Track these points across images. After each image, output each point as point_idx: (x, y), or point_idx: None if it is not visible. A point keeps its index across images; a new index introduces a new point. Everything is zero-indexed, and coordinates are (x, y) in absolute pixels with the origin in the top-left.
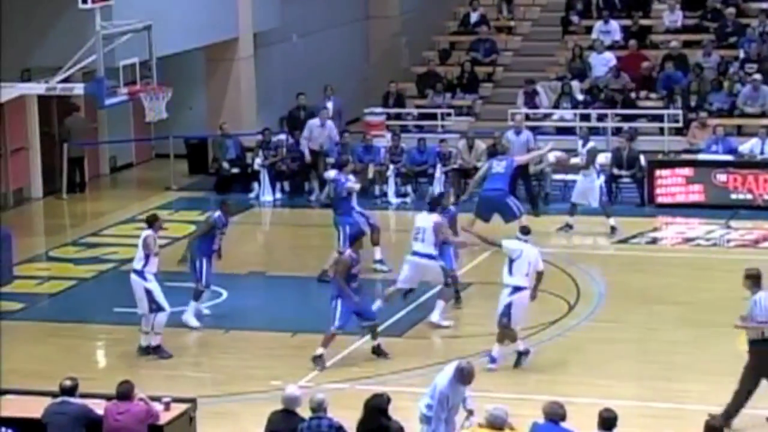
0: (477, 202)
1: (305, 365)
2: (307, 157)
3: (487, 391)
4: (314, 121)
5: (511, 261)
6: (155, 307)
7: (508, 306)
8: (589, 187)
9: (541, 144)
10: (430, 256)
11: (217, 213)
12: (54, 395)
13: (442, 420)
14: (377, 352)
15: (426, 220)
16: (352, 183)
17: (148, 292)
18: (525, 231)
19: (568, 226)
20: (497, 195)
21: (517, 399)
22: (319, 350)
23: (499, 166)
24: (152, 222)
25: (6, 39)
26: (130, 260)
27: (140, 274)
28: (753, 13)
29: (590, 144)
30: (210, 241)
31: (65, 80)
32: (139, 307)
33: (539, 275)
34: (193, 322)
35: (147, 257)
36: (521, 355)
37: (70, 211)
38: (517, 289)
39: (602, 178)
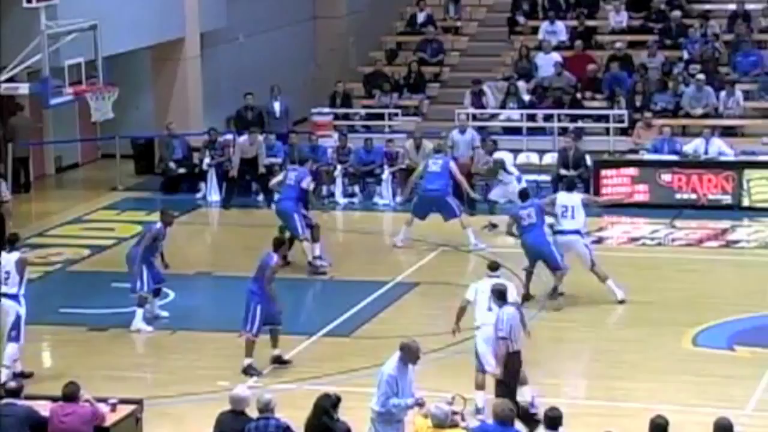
0: (415, 202)
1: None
2: (235, 170)
3: (434, 391)
4: (243, 139)
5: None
6: (15, 336)
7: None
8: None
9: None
10: (578, 232)
11: (158, 224)
12: None
13: (389, 400)
14: (279, 360)
15: (572, 198)
16: (310, 181)
17: (19, 318)
18: (492, 267)
19: (493, 225)
20: (436, 194)
21: (465, 398)
22: (247, 360)
23: (435, 165)
24: (15, 242)
25: None
26: (77, 261)
27: (15, 298)
28: (697, 15)
29: (496, 155)
30: (150, 251)
31: (10, 80)
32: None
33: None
34: (145, 326)
35: (22, 280)
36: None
37: (15, 212)
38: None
39: (522, 182)
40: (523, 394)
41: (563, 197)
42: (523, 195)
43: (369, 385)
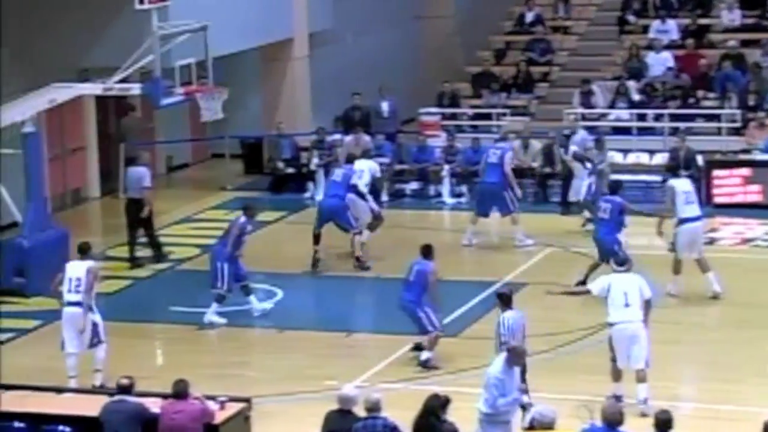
0: (477, 198)
1: (360, 365)
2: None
3: (542, 392)
4: (348, 139)
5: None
6: (97, 341)
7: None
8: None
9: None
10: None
11: (242, 218)
12: (111, 394)
13: (497, 399)
14: None
15: (686, 184)
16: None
17: (96, 326)
18: (619, 262)
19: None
20: (492, 187)
21: (572, 400)
22: (426, 354)
23: (494, 155)
24: (86, 251)
25: (64, 40)
26: (187, 259)
27: (82, 306)
28: None
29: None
30: (236, 246)
31: (122, 81)
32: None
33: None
34: (218, 320)
35: (91, 289)
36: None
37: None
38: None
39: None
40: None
41: (682, 184)
42: (614, 187)
43: (476, 386)
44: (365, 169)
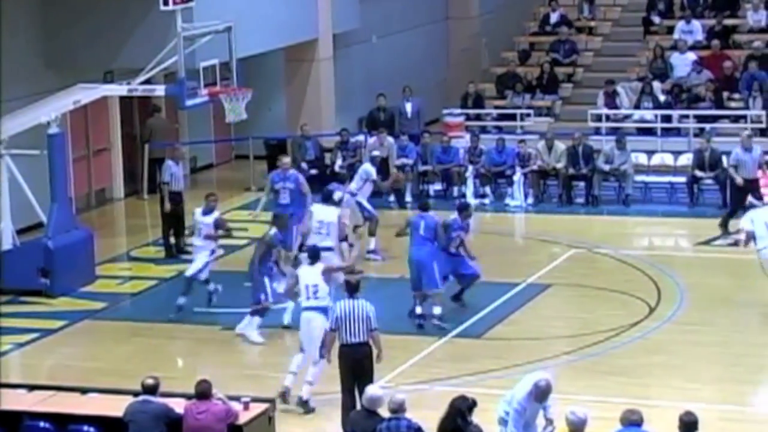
0: None
1: (384, 365)
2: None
3: (566, 394)
4: (372, 140)
5: None
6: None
7: None
8: None
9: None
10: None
11: (273, 230)
12: (135, 394)
13: (519, 428)
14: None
15: None
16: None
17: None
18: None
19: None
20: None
21: (597, 402)
22: None
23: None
24: (317, 255)
25: (89, 41)
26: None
27: (324, 311)
28: None
29: None
30: (266, 258)
31: (147, 81)
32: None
33: None
34: (256, 337)
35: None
36: None
37: (151, 212)
38: None
39: None
40: None
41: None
42: None
43: (499, 387)
44: (357, 172)
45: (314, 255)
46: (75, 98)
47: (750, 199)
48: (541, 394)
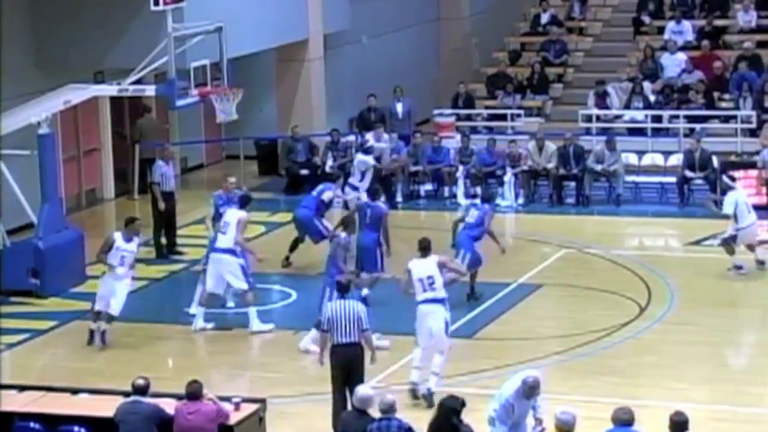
0: None
1: (375, 366)
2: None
3: (557, 394)
4: (370, 135)
5: None
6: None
7: None
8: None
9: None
10: None
11: (343, 234)
12: (126, 394)
13: (508, 426)
14: None
15: None
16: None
17: (447, 324)
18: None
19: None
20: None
21: (587, 402)
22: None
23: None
24: (427, 248)
25: (79, 41)
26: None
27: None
28: None
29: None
30: (337, 263)
31: (137, 82)
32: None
33: None
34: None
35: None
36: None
37: (142, 212)
38: None
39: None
40: None
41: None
42: None
43: (491, 387)
44: (354, 165)
45: (425, 247)
46: (65, 98)
47: (725, 179)
48: (528, 389)
